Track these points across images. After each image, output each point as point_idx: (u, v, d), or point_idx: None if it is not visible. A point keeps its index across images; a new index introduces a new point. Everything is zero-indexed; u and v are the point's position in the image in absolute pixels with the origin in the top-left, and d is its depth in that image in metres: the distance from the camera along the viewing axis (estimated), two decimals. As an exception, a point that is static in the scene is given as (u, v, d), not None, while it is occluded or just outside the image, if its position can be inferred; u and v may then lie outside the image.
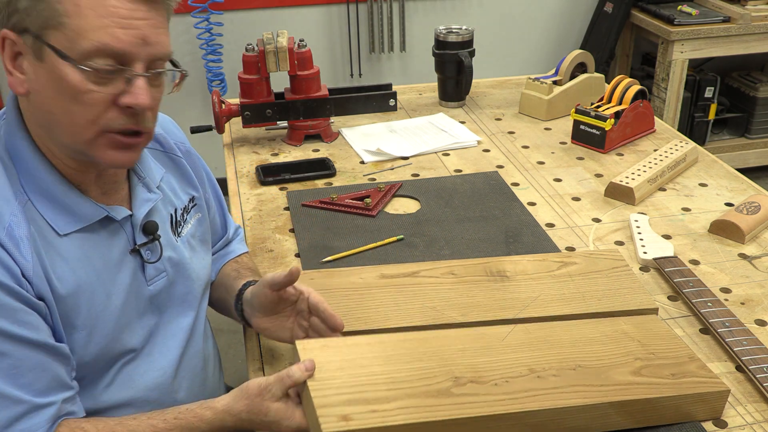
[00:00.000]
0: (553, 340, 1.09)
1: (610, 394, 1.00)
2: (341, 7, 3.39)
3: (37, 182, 0.95)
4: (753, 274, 1.36)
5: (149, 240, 1.07)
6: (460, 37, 2.04)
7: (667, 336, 1.12)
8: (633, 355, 1.07)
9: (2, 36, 0.90)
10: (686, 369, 1.06)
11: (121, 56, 0.89)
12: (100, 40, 0.87)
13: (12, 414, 0.89)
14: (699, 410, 1.03)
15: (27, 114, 0.96)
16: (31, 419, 0.90)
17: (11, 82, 0.91)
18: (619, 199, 1.61)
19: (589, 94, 2.07)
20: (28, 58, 0.90)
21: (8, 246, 0.90)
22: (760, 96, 3.59)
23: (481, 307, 1.18)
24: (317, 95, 1.86)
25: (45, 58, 0.89)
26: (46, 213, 0.95)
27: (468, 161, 1.80)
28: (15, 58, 0.91)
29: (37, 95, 0.92)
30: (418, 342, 1.07)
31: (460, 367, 1.02)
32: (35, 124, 0.95)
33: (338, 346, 1.03)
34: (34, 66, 0.90)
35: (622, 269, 1.28)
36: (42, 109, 0.93)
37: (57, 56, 0.88)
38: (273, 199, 1.63)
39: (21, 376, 0.90)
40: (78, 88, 0.89)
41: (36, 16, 0.87)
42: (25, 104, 0.96)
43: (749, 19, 3.25)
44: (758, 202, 1.51)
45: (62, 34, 0.87)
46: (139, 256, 1.06)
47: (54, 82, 0.89)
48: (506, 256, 1.33)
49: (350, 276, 1.26)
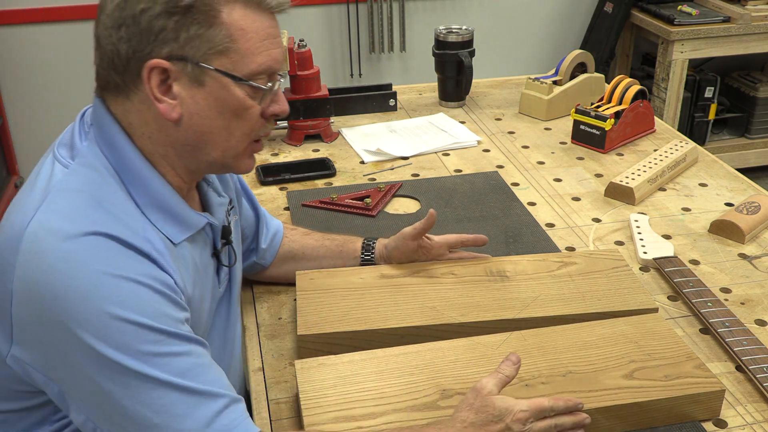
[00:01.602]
0: (548, 346, 1.10)
1: (598, 399, 1.00)
2: (341, 7, 3.39)
3: (151, 194, 0.96)
4: (753, 274, 1.36)
5: (224, 244, 1.10)
6: (460, 37, 2.04)
7: (665, 335, 1.12)
8: (628, 358, 1.07)
9: (151, 66, 0.90)
10: (682, 369, 1.05)
11: (274, 72, 0.97)
12: (265, 62, 0.94)
13: (212, 409, 0.88)
14: (695, 410, 1.03)
15: (141, 132, 0.95)
16: (232, 413, 0.89)
17: (164, 109, 0.92)
18: (619, 199, 1.61)
19: (589, 94, 2.07)
20: (181, 83, 0.92)
21: (158, 259, 0.90)
22: (760, 96, 3.59)
23: (481, 307, 1.18)
24: (317, 95, 1.86)
25: (206, 82, 0.92)
26: (159, 223, 0.96)
27: (468, 161, 1.80)
28: (161, 85, 0.92)
29: (192, 118, 0.94)
30: (412, 355, 1.09)
31: (450, 379, 1.04)
32: (159, 143, 0.96)
33: (334, 364, 1.07)
34: (191, 91, 0.92)
35: (622, 269, 1.28)
36: (196, 131, 0.95)
37: (227, 78, 0.92)
38: (273, 199, 1.63)
39: (207, 371, 0.90)
40: (243, 105, 0.95)
41: (200, 44, 0.90)
42: (148, 126, 0.95)
43: (749, 19, 3.25)
44: (758, 202, 1.51)
45: (227, 59, 0.92)
46: (216, 260, 1.09)
47: (217, 103, 0.93)
48: (506, 256, 1.33)
49: (350, 276, 1.26)
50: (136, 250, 0.88)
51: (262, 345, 1.20)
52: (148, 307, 0.87)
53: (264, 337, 1.22)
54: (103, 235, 0.87)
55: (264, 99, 0.97)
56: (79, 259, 0.85)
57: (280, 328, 1.23)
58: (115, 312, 0.84)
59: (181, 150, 0.97)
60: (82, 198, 0.89)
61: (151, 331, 0.86)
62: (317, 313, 1.17)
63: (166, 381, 0.86)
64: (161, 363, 0.86)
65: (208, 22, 0.89)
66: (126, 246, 0.88)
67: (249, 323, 1.25)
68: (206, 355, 0.92)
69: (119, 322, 0.84)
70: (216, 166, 1.01)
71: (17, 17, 3.11)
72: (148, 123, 0.94)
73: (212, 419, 0.87)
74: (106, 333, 0.84)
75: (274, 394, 1.10)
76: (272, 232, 1.33)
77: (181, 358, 0.88)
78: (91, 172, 0.92)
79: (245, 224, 1.28)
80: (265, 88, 0.95)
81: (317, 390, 1.03)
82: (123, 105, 0.94)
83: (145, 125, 0.95)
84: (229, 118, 0.95)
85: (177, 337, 0.88)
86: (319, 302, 1.19)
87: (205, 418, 0.87)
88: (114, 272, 0.85)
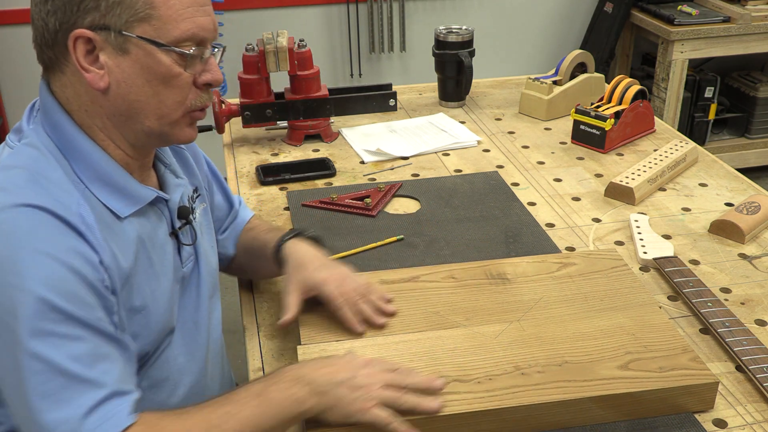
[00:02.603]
0: (546, 337, 1.11)
1: (592, 389, 1.01)
2: (341, 7, 3.39)
3: (94, 168, 0.98)
4: (753, 274, 1.36)
5: (183, 224, 1.12)
6: (460, 37, 2.04)
7: (662, 327, 1.13)
8: (624, 349, 1.08)
9: (75, 36, 0.92)
10: (676, 361, 1.06)
11: (202, 40, 0.98)
12: (189, 28, 0.96)
13: (94, 398, 0.88)
14: (688, 402, 1.04)
15: (77, 106, 0.98)
16: (114, 404, 0.90)
17: (91, 78, 0.94)
18: (619, 199, 1.61)
19: (589, 94, 2.07)
20: (107, 53, 0.94)
21: (86, 233, 0.92)
22: (760, 96, 3.59)
23: (485, 310, 1.17)
24: (317, 95, 1.86)
25: (131, 50, 0.94)
26: (105, 198, 0.98)
27: (468, 161, 1.80)
28: (87, 56, 0.94)
29: (120, 87, 0.96)
30: (412, 343, 1.09)
31: (448, 367, 1.05)
32: (96, 115, 0.98)
33: (336, 351, 1.08)
34: (116, 60, 0.94)
35: (621, 269, 1.28)
36: (126, 99, 0.97)
37: (150, 45, 0.94)
38: (273, 199, 1.63)
39: (99, 362, 0.90)
40: (170, 72, 0.96)
41: (121, 12, 0.92)
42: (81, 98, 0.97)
43: (749, 19, 3.25)
44: (758, 202, 1.51)
45: (149, 26, 0.94)
46: (176, 239, 1.11)
47: (143, 70, 0.95)
48: (505, 258, 1.32)
49: None
50: (65, 222, 0.90)
51: (262, 345, 1.20)
52: (61, 286, 0.88)
53: (264, 337, 1.21)
54: (33, 206, 0.89)
55: (191, 66, 0.98)
56: (4, 231, 0.88)
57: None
58: (28, 286, 0.86)
59: (117, 121, 0.99)
60: (19, 174, 0.93)
61: (56, 310, 0.87)
62: (319, 323, 1.15)
63: (55, 363, 0.87)
64: (57, 343, 0.87)
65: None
66: (56, 218, 0.90)
67: (249, 323, 1.25)
68: (106, 347, 0.92)
69: (29, 296, 0.86)
70: (154, 136, 1.02)
71: (17, 17, 3.11)
72: (81, 95, 0.97)
73: (92, 408, 0.88)
74: (14, 305, 0.86)
75: (274, 394, 1.09)
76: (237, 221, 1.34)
77: (77, 342, 0.89)
78: (32, 151, 0.96)
79: (219, 214, 1.30)
80: (188, 53, 0.96)
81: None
82: (60, 80, 0.98)
83: (79, 98, 0.98)
84: (157, 86, 0.97)
85: (80, 322, 0.89)
86: (321, 310, 1.17)
87: (86, 407, 0.88)
88: (36, 246, 0.88)
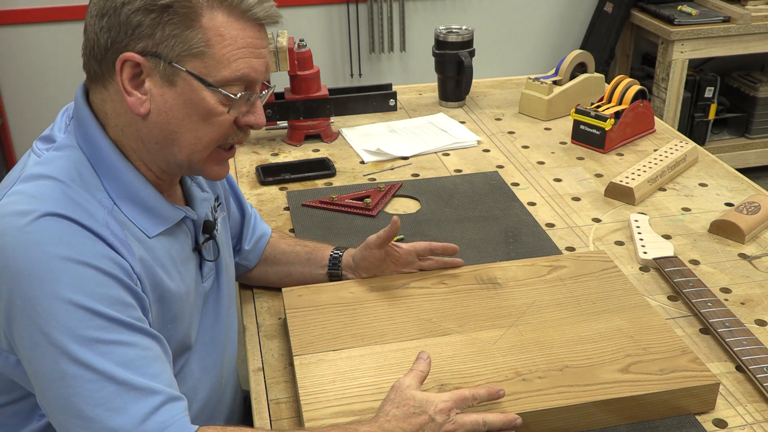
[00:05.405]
0: (545, 342, 1.10)
1: (594, 393, 1.01)
2: (341, 7, 3.39)
3: (126, 188, 0.97)
4: (753, 274, 1.36)
5: (206, 239, 1.11)
6: (460, 37, 2.04)
7: (660, 329, 1.13)
8: (623, 352, 1.08)
9: (124, 59, 0.91)
10: (677, 363, 1.06)
11: (251, 82, 0.97)
12: (239, 69, 0.94)
13: (149, 406, 0.87)
14: (690, 404, 1.03)
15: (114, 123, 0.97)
16: (168, 411, 0.89)
17: (132, 102, 0.93)
18: (619, 199, 1.61)
19: (589, 94, 2.07)
20: (153, 80, 0.93)
21: (115, 244, 0.91)
22: (760, 96, 3.59)
23: (477, 316, 1.17)
24: (317, 95, 1.86)
25: (177, 82, 0.93)
26: (134, 217, 0.98)
27: (468, 161, 1.80)
28: (133, 79, 0.93)
29: (160, 115, 0.95)
30: (410, 351, 1.09)
31: (448, 374, 1.05)
32: (131, 137, 0.97)
33: (333, 360, 1.08)
34: (161, 89, 0.93)
35: (611, 270, 1.27)
36: (163, 129, 0.95)
37: (198, 82, 0.93)
38: (273, 199, 1.63)
39: (149, 366, 0.89)
40: (213, 111, 0.95)
41: (175, 44, 0.91)
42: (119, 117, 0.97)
43: (749, 19, 3.25)
44: (758, 202, 1.51)
45: (201, 62, 0.92)
46: (198, 254, 1.10)
47: (186, 104, 0.94)
48: (495, 263, 1.31)
49: (339, 291, 1.23)
50: (92, 231, 0.90)
51: (262, 345, 1.20)
52: (98, 291, 0.88)
53: (264, 337, 1.21)
54: (60, 216, 0.88)
55: (235, 108, 0.97)
56: (34, 240, 0.87)
57: (280, 328, 1.23)
58: (65, 294, 0.86)
59: (150, 146, 0.98)
60: (47, 184, 0.92)
61: (98, 316, 0.87)
62: (310, 332, 1.14)
63: (106, 371, 0.86)
64: (104, 350, 0.87)
65: (186, 24, 0.90)
66: (82, 227, 0.89)
67: (249, 323, 1.25)
68: (154, 348, 0.92)
69: (67, 305, 0.86)
70: (184, 169, 1.01)
71: (17, 17, 3.11)
72: (120, 115, 0.97)
73: (148, 416, 0.87)
74: (53, 315, 0.85)
75: (274, 394, 1.09)
76: (258, 235, 1.33)
77: (125, 347, 0.88)
78: (63, 162, 0.95)
79: (231, 224, 1.29)
80: (234, 97, 0.95)
81: (316, 386, 1.03)
82: (101, 94, 0.97)
83: (118, 116, 0.97)
84: (197, 122, 0.95)
85: (124, 325, 0.89)
86: (311, 320, 1.16)
87: (141, 414, 0.87)
88: (67, 254, 0.87)
